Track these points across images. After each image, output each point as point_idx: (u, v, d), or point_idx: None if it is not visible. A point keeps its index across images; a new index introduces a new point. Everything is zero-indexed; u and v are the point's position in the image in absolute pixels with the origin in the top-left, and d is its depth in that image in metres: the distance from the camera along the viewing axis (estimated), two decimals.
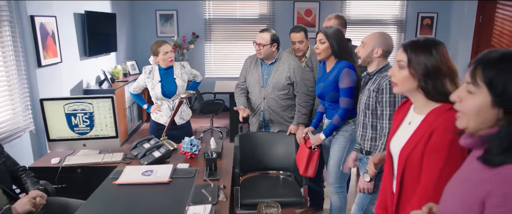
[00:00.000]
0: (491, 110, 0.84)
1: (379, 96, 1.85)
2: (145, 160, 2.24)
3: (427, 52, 1.26)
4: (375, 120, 1.92)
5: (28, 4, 3.24)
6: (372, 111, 1.90)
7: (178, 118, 2.90)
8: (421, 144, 1.22)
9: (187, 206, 1.65)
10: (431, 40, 1.31)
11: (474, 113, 0.88)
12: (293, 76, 2.67)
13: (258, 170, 2.82)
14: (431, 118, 1.23)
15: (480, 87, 0.86)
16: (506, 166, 0.80)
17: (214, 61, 6.38)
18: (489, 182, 0.82)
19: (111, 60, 5.21)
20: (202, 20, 6.14)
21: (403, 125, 1.38)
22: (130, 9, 5.99)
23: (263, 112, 2.78)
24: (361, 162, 2.07)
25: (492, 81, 0.84)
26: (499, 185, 0.80)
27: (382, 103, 1.84)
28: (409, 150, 1.26)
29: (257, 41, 2.65)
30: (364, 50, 1.94)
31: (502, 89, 0.82)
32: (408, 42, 1.32)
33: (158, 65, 2.83)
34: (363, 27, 6.13)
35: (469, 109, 0.89)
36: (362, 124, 2.00)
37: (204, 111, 5.07)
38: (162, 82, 2.82)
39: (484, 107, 0.85)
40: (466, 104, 0.89)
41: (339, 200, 2.40)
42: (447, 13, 6.13)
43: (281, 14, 6.13)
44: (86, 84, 4.41)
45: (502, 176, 0.80)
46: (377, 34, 1.93)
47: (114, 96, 2.51)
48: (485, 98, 0.85)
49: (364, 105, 1.94)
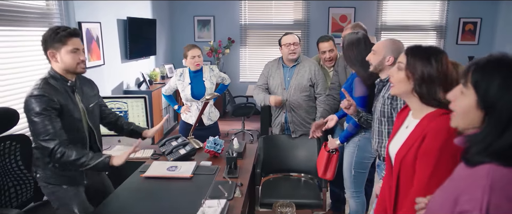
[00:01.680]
0: (477, 111, 0.88)
1: (394, 103, 1.85)
2: (171, 156, 2.39)
3: (426, 60, 1.30)
4: (391, 127, 1.91)
5: (76, 11, 3.56)
6: (388, 117, 1.89)
7: (206, 119, 3.05)
8: (414, 148, 1.25)
9: (203, 199, 1.76)
10: (433, 49, 1.34)
11: (462, 113, 0.92)
12: (314, 78, 2.76)
13: (280, 171, 2.89)
14: (425, 122, 1.26)
15: (469, 89, 0.90)
16: (482, 165, 0.83)
17: (248, 66, 6.53)
18: (464, 179, 0.86)
19: (150, 63, 5.51)
20: (238, 26, 6.32)
21: (401, 128, 1.42)
22: (169, 15, 6.31)
23: (285, 113, 2.85)
24: (379, 168, 2.07)
25: (477, 83, 0.88)
26: (471, 183, 0.83)
27: (397, 109, 1.84)
28: (403, 153, 1.30)
29: (291, 41, 2.77)
30: (376, 58, 1.96)
31: (484, 91, 0.86)
32: (411, 47, 1.37)
33: (188, 68, 3.01)
34: (400, 33, 6.01)
35: (459, 108, 0.93)
36: (377, 131, 1.97)
37: (236, 113, 5.21)
38: (191, 84, 2.98)
39: (471, 108, 0.89)
40: (457, 104, 0.93)
41: (356, 204, 2.40)
42: (492, 17, 5.84)
43: (316, 20, 6.16)
44: (126, 86, 4.71)
45: (475, 175, 0.84)
46: (388, 42, 1.94)
47: (147, 97, 2.69)
48: (472, 100, 0.88)
49: (379, 113, 1.92)
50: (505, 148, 0.82)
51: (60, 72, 1.80)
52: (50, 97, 1.70)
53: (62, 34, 1.74)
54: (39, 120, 1.68)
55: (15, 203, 2.18)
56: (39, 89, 1.70)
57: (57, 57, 1.76)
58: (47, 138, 1.69)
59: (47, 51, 1.76)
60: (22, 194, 2.22)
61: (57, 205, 1.88)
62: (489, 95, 0.85)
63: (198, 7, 6.27)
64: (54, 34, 1.73)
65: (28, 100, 1.70)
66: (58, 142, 1.70)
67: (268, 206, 2.44)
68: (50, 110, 1.70)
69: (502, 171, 0.81)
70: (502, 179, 0.80)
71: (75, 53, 1.77)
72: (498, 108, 0.84)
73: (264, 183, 2.71)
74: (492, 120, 0.85)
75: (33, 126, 1.70)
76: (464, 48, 5.98)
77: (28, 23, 3.09)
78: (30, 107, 1.69)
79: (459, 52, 5.83)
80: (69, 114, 1.78)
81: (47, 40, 1.74)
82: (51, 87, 1.75)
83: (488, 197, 0.78)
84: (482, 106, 0.87)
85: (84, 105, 1.90)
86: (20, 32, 3.04)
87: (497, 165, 0.82)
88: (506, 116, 0.83)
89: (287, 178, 2.89)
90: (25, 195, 2.24)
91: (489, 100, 0.85)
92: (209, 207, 1.69)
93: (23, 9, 3.03)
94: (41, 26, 3.26)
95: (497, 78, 0.85)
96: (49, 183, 1.84)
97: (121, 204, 1.85)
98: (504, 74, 0.85)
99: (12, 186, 2.17)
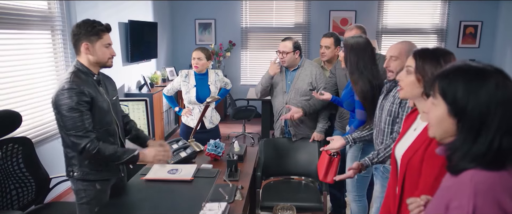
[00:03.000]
0: (449, 119, 0.89)
1: (402, 102, 1.82)
2: (172, 159, 2.39)
3: (435, 61, 1.31)
4: (394, 127, 1.88)
5: (78, 14, 3.58)
6: (394, 117, 1.86)
7: (208, 122, 3.06)
8: (421, 150, 1.26)
9: (204, 202, 1.77)
10: (441, 50, 1.36)
11: (436, 123, 0.93)
12: (315, 82, 2.75)
13: (281, 174, 2.89)
14: None
15: (438, 98, 0.91)
16: (465, 172, 0.85)
17: (249, 69, 6.54)
18: (451, 187, 0.87)
19: (151, 66, 5.53)
20: (239, 29, 6.34)
21: (409, 131, 1.42)
22: (171, 18, 6.33)
23: None
24: (377, 171, 2.07)
25: (444, 91, 0.89)
26: (457, 190, 0.85)
27: (405, 108, 1.82)
28: (410, 155, 1.30)
29: (280, 49, 2.75)
30: (398, 64, 1.82)
31: (453, 99, 0.87)
32: (419, 50, 1.38)
33: (194, 72, 3.01)
34: (401, 37, 6.01)
35: (433, 119, 0.94)
36: (383, 131, 1.94)
37: (237, 116, 5.22)
38: (197, 87, 2.99)
39: (444, 117, 0.90)
40: (431, 115, 0.95)
41: (358, 208, 2.40)
42: (493, 20, 5.85)
43: (316, 23, 6.17)
44: (127, 88, 4.73)
45: (459, 183, 0.85)
46: (406, 46, 1.86)
47: (148, 99, 2.70)
48: (443, 108, 0.90)
49: (387, 112, 1.88)
50: (484, 153, 0.83)
51: (86, 65, 1.81)
52: (82, 90, 1.71)
53: (99, 28, 1.77)
54: (70, 115, 1.69)
55: (17, 205, 2.18)
56: (70, 83, 1.70)
57: (90, 50, 1.78)
58: (79, 134, 1.70)
59: (81, 43, 1.77)
60: (23, 196, 2.22)
61: (84, 201, 1.88)
62: (457, 101, 0.86)
63: (199, 10, 6.29)
64: (91, 28, 1.76)
65: (59, 94, 1.70)
66: (90, 140, 1.71)
67: (269, 209, 2.43)
68: (82, 104, 1.71)
69: (485, 174, 0.82)
70: (485, 183, 0.81)
71: (107, 48, 1.81)
72: (468, 113, 0.85)
73: (264, 186, 2.71)
74: (464, 125, 0.86)
75: (64, 120, 1.71)
76: (465, 52, 5.98)
77: (30, 26, 3.11)
78: (62, 101, 1.69)
79: (460, 56, 5.75)
80: (98, 105, 1.80)
81: (82, 33, 1.76)
82: (81, 79, 1.76)
83: (473, 201, 0.79)
84: (453, 113, 0.88)
85: (109, 98, 1.92)
86: (22, 35, 3.06)
87: (479, 170, 0.83)
88: (477, 119, 0.84)
89: (288, 181, 2.89)
90: (27, 197, 2.24)
91: (458, 107, 0.87)
92: (210, 210, 1.70)
93: (25, 12, 3.05)
94: (43, 29, 3.28)
95: (461, 83, 0.86)
96: (86, 179, 1.85)
97: (122, 207, 1.86)
98: (467, 79, 0.87)
99: (14, 189, 2.18)
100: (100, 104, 1.81)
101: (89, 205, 1.88)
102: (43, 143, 3.20)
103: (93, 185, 1.86)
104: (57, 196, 3.30)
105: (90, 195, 1.87)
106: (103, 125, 1.84)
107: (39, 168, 2.31)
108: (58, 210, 2.31)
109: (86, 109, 1.73)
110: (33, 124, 3.14)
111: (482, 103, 0.84)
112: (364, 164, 1.89)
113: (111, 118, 1.90)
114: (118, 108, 2.06)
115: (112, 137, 1.90)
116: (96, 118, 1.79)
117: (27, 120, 3.02)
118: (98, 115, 1.80)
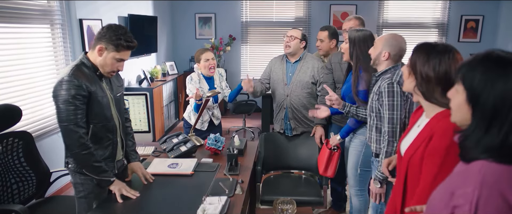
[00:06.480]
0: (466, 106, 0.89)
1: (380, 99, 1.84)
2: (172, 154, 2.40)
3: (425, 58, 1.29)
4: (379, 122, 1.91)
5: (78, 8, 3.56)
6: (376, 113, 1.90)
7: (215, 119, 3.05)
8: (422, 147, 1.26)
9: (204, 196, 1.77)
10: (441, 46, 1.32)
11: (455, 109, 0.94)
12: (317, 75, 2.74)
13: (281, 168, 2.90)
14: (434, 122, 1.26)
15: (460, 85, 0.91)
16: (476, 162, 0.84)
17: (249, 63, 6.53)
18: (460, 175, 0.88)
19: (151, 61, 5.52)
20: (239, 23, 6.31)
21: (414, 127, 1.42)
22: (171, 12, 6.30)
23: (285, 109, 2.83)
24: (373, 165, 2.07)
25: (464, 77, 0.89)
26: (465, 178, 0.85)
27: (383, 106, 1.83)
28: (411, 152, 1.30)
29: (289, 33, 2.75)
30: (374, 52, 1.94)
31: (469, 85, 0.87)
32: (418, 44, 1.36)
33: (202, 74, 2.96)
34: (401, 31, 5.98)
35: (453, 105, 0.94)
36: (369, 126, 1.99)
37: (237, 111, 5.22)
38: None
39: (462, 103, 0.90)
40: (453, 101, 0.95)
41: (359, 202, 2.40)
42: (494, 14, 5.82)
43: (317, 17, 6.14)
44: (127, 83, 4.72)
45: (469, 171, 0.85)
46: (387, 37, 1.91)
47: (148, 94, 2.69)
48: (462, 95, 0.90)
49: (369, 108, 1.94)
50: (497, 146, 0.83)
51: (93, 61, 1.82)
52: (80, 84, 1.71)
53: (120, 43, 1.76)
54: (65, 107, 1.69)
55: (17, 199, 2.19)
56: (70, 75, 1.71)
57: (102, 54, 1.79)
58: (70, 127, 1.71)
59: (99, 43, 1.78)
60: (24, 190, 2.23)
61: (82, 195, 1.89)
62: (473, 88, 0.86)
63: (199, 5, 6.26)
64: (115, 37, 1.75)
65: (57, 85, 1.71)
66: (79, 135, 1.72)
67: (269, 203, 2.44)
68: (78, 98, 1.71)
69: (494, 167, 0.82)
70: (493, 175, 0.81)
71: (118, 62, 1.82)
72: (481, 102, 0.85)
73: (264, 180, 2.72)
74: (477, 114, 0.86)
75: (58, 111, 1.72)
76: (466, 46, 5.96)
77: (29, 20, 3.10)
78: (59, 92, 1.70)
79: (460, 50, 5.60)
80: (97, 100, 1.80)
81: (105, 36, 1.76)
82: (82, 73, 1.76)
83: (478, 192, 0.80)
84: (469, 100, 0.88)
85: (111, 94, 1.92)
86: (21, 29, 3.05)
87: (490, 162, 0.83)
88: (489, 110, 0.84)
89: (288, 175, 2.90)
90: (27, 191, 2.25)
91: (474, 94, 0.86)
92: (210, 204, 1.70)
93: (25, 6, 3.04)
94: (42, 23, 3.27)
95: (479, 71, 0.86)
96: (82, 173, 1.85)
97: (122, 201, 1.86)
98: (486, 68, 0.86)
99: (15, 183, 2.18)
100: (99, 99, 1.81)
101: (87, 199, 1.88)
102: (44, 137, 3.20)
103: (90, 179, 1.85)
104: (57, 190, 3.31)
105: (88, 189, 1.88)
106: (101, 119, 1.83)
107: (39, 162, 2.32)
108: (58, 204, 2.32)
109: (81, 103, 1.73)
110: (33, 118, 3.14)
111: (497, 95, 0.83)
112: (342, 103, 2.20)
113: (110, 114, 1.89)
114: (122, 105, 2.05)
115: (110, 133, 1.89)
116: (93, 112, 1.79)
117: (27, 114, 3.02)
118: (96, 109, 1.80)
